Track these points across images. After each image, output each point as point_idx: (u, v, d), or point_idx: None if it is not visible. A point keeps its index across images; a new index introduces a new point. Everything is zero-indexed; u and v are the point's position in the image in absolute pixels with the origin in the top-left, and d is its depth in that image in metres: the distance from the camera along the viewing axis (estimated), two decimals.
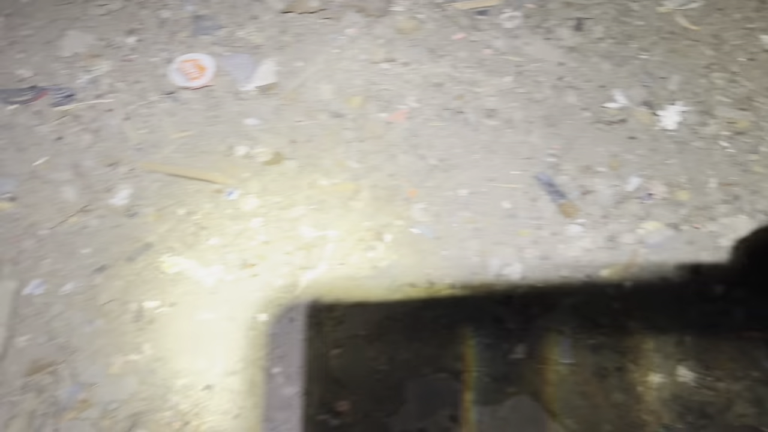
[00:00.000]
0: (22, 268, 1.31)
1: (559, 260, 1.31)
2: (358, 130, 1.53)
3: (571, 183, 1.43)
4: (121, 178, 1.45)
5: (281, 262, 1.33)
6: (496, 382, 1.19)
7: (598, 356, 1.21)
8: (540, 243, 1.35)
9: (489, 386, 1.20)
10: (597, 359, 1.20)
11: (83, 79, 1.63)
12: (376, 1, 1.75)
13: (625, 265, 1.31)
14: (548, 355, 1.21)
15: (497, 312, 1.26)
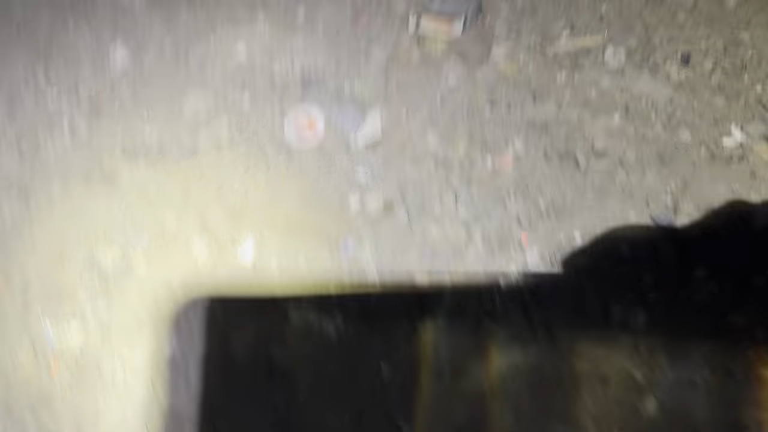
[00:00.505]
0: (160, 321, 1.40)
1: (685, 306, 1.28)
2: (465, 176, 1.55)
3: (691, 224, 1.39)
4: (245, 231, 1.53)
5: (400, 313, 1.36)
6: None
7: (735, 411, 1.16)
8: (664, 288, 1.31)
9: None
10: (735, 414, 1.16)
11: (204, 136, 1.74)
12: (476, 48, 1.79)
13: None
14: (681, 410, 1.17)
15: (623, 363, 1.24)
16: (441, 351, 1.27)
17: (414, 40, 1.80)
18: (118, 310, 1.38)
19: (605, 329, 1.27)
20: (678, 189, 1.43)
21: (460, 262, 1.38)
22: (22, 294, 1.43)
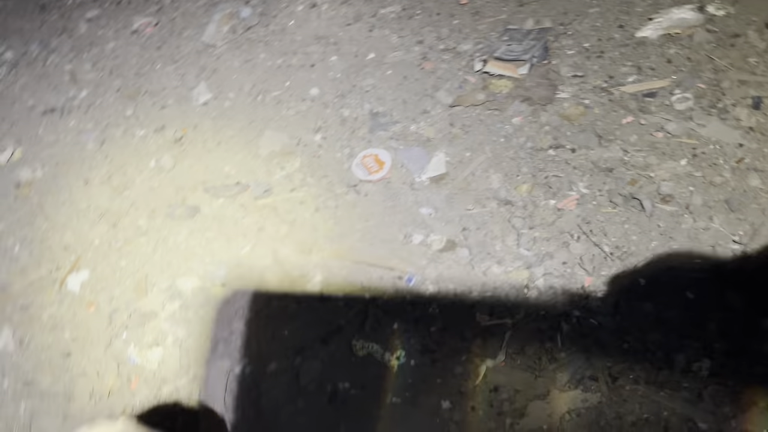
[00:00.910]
0: (233, 347, 1.49)
1: (754, 357, 1.26)
2: (528, 217, 1.58)
3: (760, 272, 1.37)
4: (314, 265, 1.61)
5: (459, 349, 1.40)
6: None
7: None
8: (730, 337, 1.30)
9: None
10: None
11: (279, 175, 1.86)
12: (541, 90, 1.83)
13: None
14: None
15: (686, 411, 1.23)
16: (501, 391, 1.30)
17: (479, 82, 1.86)
18: (197, 337, 1.47)
19: (669, 376, 1.27)
20: (746, 235, 1.42)
21: (522, 302, 1.40)
22: (109, 319, 1.54)
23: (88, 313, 1.58)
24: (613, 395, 1.27)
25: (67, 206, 1.87)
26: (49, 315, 1.59)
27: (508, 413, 1.27)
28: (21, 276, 1.70)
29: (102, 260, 1.71)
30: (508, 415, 1.27)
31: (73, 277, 1.68)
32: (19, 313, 1.61)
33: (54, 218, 1.85)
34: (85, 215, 1.84)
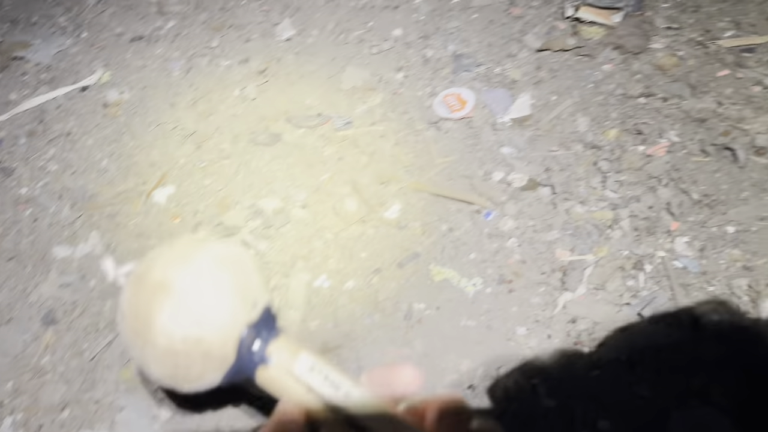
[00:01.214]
0: (312, 264, 1.52)
1: None
2: (614, 161, 1.56)
3: None
4: (392, 195, 1.63)
5: (538, 282, 1.39)
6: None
7: None
8: None
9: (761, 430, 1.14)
10: None
11: (360, 109, 1.87)
12: (634, 39, 1.79)
13: None
14: None
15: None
16: (580, 322, 1.30)
17: (569, 28, 1.83)
18: (278, 251, 1.51)
19: (755, 320, 1.24)
20: None
21: (605, 242, 1.39)
22: (194, 231, 1.60)
23: (173, 223, 1.63)
24: (695, 334, 1.24)
25: (154, 127, 1.93)
26: (135, 224, 1.65)
27: (586, 343, 1.26)
28: (109, 187, 1.77)
29: (187, 178, 1.76)
30: (586, 344, 1.26)
31: (159, 191, 1.73)
32: (106, 221, 1.67)
33: (141, 137, 1.91)
34: (171, 136, 1.89)
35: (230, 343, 0.57)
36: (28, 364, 1.46)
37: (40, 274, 1.62)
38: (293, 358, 0.58)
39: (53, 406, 1.38)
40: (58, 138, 1.99)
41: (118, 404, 1.35)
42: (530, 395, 1.26)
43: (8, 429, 1.35)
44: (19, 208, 1.80)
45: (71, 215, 1.74)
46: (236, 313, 0.57)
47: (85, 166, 1.89)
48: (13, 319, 1.54)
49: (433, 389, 1.30)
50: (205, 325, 0.56)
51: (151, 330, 0.56)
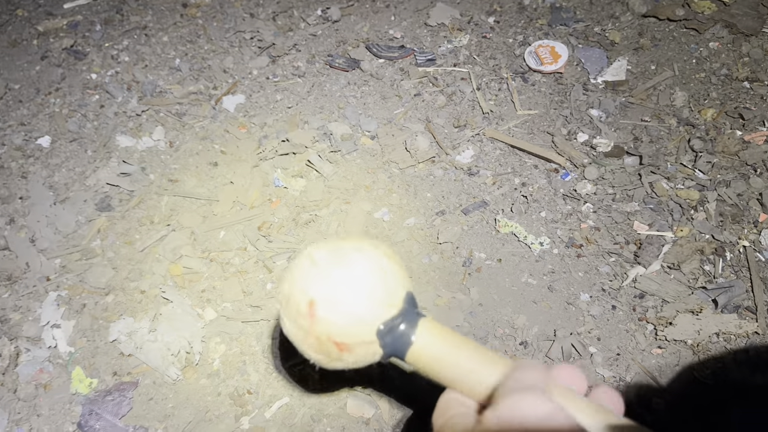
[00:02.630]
0: (375, 195, 1.47)
1: None
2: (709, 141, 1.46)
3: None
4: (466, 140, 1.55)
5: (609, 251, 1.32)
6: None
7: None
8: None
9: None
10: None
11: (444, 47, 1.78)
12: (747, 20, 1.66)
13: None
14: None
15: None
16: (648, 298, 1.22)
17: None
18: (341, 177, 1.46)
19: None
20: None
21: (687, 222, 1.30)
22: (259, 143, 1.55)
23: (239, 132, 1.59)
24: (767, 334, 1.16)
25: (231, 34, 1.87)
26: (202, 126, 1.62)
27: (652, 320, 1.19)
28: (179, 86, 1.73)
29: (258, 90, 1.71)
30: (652, 321, 1.19)
31: (228, 98, 1.69)
32: (173, 119, 1.64)
33: (217, 42, 1.85)
34: (248, 45, 1.84)
35: (374, 335, 0.64)
36: (78, 245, 1.45)
37: (101, 159, 1.60)
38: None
39: (98, 288, 1.37)
40: (134, 30, 1.95)
41: (164, 298, 1.33)
42: (586, 362, 1.20)
43: (52, 303, 1.35)
44: (87, 93, 1.78)
45: (138, 107, 1.71)
46: (376, 309, 0.63)
47: (157, 61, 1.85)
48: (69, 199, 1.53)
49: (484, 339, 1.25)
50: (352, 324, 0.62)
51: (311, 325, 0.63)
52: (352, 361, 0.66)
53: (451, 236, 1.39)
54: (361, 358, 0.66)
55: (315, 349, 0.66)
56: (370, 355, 0.66)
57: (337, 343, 0.64)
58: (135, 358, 1.26)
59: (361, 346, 0.64)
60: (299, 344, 0.68)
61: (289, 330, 0.68)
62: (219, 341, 1.26)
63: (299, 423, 1.16)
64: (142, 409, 1.20)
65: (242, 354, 1.25)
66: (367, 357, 0.66)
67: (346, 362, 0.66)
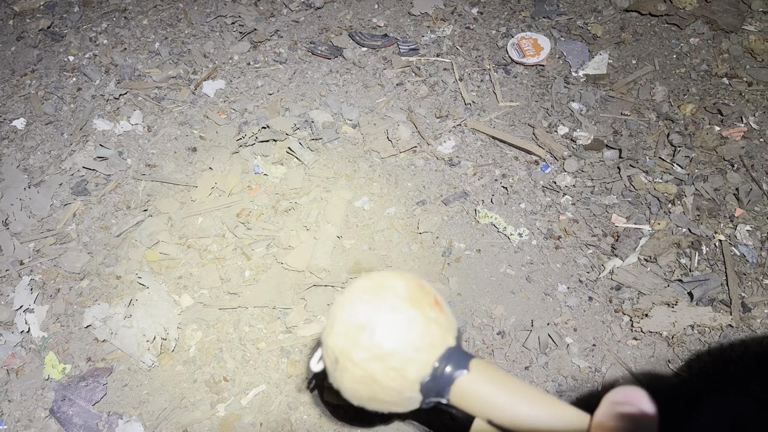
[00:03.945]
0: (355, 184, 1.46)
1: None
2: (687, 136, 1.48)
3: None
4: (448, 130, 1.55)
5: (587, 243, 1.33)
6: None
7: None
8: None
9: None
10: None
11: (427, 37, 1.78)
12: (728, 17, 1.68)
13: None
14: None
15: None
16: (625, 290, 1.24)
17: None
18: (322, 165, 1.45)
19: None
20: None
21: (664, 215, 1.32)
22: (239, 129, 1.53)
23: (219, 118, 1.57)
24: (743, 324, 1.18)
25: (212, 18, 1.85)
26: (180, 111, 1.60)
27: (628, 311, 1.21)
28: (158, 70, 1.71)
29: (239, 75, 1.69)
30: (628, 313, 1.20)
31: (208, 83, 1.67)
32: (151, 103, 1.61)
33: (197, 26, 1.83)
34: (229, 30, 1.82)
35: (416, 383, 0.60)
36: (53, 229, 1.43)
37: (77, 143, 1.57)
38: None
39: (73, 273, 1.35)
40: (113, 13, 1.92)
41: (140, 284, 1.31)
42: (562, 352, 1.21)
43: (25, 287, 1.32)
44: (64, 75, 1.74)
45: (116, 91, 1.68)
46: (419, 357, 0.59)
47: (136, 45, 1.82)
48: (44, 183, 1.50)
49: (462, 329, 1.25)
50: (392, 370, 0.58)
51: (349, 366, 0.60)
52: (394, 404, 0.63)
53: (431, 226, 1.39)
54: (397, 405, 0.63)
55: None
56: (403, 405, 0.63)
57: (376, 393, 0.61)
58: (110, 344, 1.24)
59: (399, 396, 0.62)
60: None
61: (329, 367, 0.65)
62: (195, 328, 1.25)
63: (276, 410, 1.15)
64: (117, 396, 1.19)
65: (219, 341, 1.24)
66: (401, 406, 0.63)
67: (387, 406, 0.64)
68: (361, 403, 0.62)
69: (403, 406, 0.62)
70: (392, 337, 0.58)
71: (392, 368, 0.57)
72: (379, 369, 0.57)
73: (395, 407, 0.62)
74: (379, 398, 0.59)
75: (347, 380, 0.60)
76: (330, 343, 0.61)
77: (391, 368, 0.57)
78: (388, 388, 0.58)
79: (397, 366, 0.57)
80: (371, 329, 0.57)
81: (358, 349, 0.57)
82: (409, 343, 0.58)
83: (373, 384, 0.58)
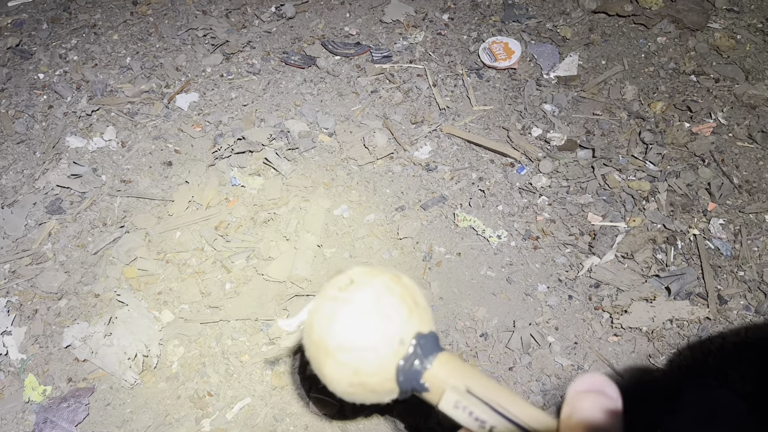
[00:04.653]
0: (334, 192, 1.47)
1: None
2: (658, 134, 1.50)
3: None
4: (424, 136, 1.57)
5: (565, 242, 1.35)
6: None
7: None
8: None
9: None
10: None
11: (400, 44, 1.79)
12: (693, 15, 1.72)
13: None
14: None
15: None
16: (603, 288, 1.26)
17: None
18: (299, 174, 1.45)
19: None
20: None
21: (639, 212, 1.34)
22: (214, 142, 1.53)
23: (193, 131, 1.56)
24: (720, 316, 1.21)
25: (183, 31, 1.84)
26: (154, 125, 1.59)
27: (608, 308, 1.22)
28: (130, 85, 1.69)
29: (213, 88, 1.69)
30: (607, 310, 1.22)
31: (182, 96, 1.66)
32: (124, 118, 1.60)
33: (168, 40, 1.82)
34: (201, 43, 1.81)
35: (390, 380, 0.60)
36: (29, 249, 1.41)
37: (50, 161, 1.56)
38: (439, 396, 0.59)
39: (50, 293, 1.33)
40: (83, 29, 1.90)
41: (119, 301, 1.30)
42: (545, 351, 1.22)
43: (2, 309, 1.30)
44: (34, 93, 1.72)
45: (88, 107, 1.67)
46: (386, 354, 0.59)
47: (107, 60, 1.80)
48: (18, 203, 1.48)
49: (446, 333, 1.26)
50: (362, 373, 0.59)
51: (327, 382, 0.62)
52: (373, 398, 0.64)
53: (411, 231, 1.39)
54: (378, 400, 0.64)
55: None
56: (383, 397, 0.63)
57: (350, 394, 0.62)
58: (90, 364, 1.22)
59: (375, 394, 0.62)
60: None
61: None
62: (177, 343, 1.24)
63: (261, 423, 1.14)
64: (99, 416, 1.17)
65: (201, 356, 1.23)
66: (382, 399, 0.64)
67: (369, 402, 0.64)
68: (344, 391, 0.62)
69: (382, 392, 0.62)
70: (364, 325, 0.59)
71: (367, 350, 0.58)
72: (354, 356, 0.58)
73: (374, 395, 0.63)
74: (358, 383, 0.60)
75: (328, 372, 0.61)
76: (308, 337, 0.62)
77: (367, 350, 0.58)
78: (366, 373, 0.59)
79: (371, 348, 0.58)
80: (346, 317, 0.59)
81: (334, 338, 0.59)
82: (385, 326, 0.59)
83: (354, 374, 0.59)
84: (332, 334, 0.60)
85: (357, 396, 0.63)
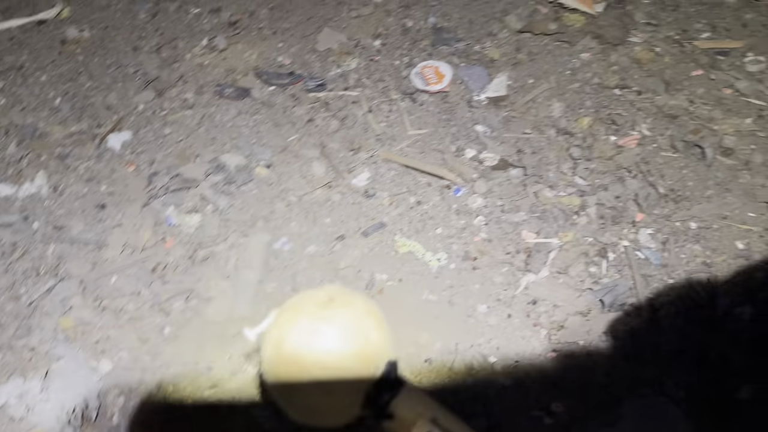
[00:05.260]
0: (273, 225, 1.47)
1: None
2: (586, 149, 1.56)
3: None
4: (361, 163, 1.59)
5: (502, 261, 1.38)
6: (719, 419, 1.15)
7: None
8: None
9: (711, 422, 1.16)
10: None
11: (334, 72, 1.82)
12: (614, 31, 1.79)
13: None
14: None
15: (724, 349, 1.22)
16: (540, 304, 1.30)
17: (551, 13, 1.82)
18: (238, 209, 1.45)
19: (710, 316, 1.26)
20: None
21: (571, 227, 1.39)
22: (149, 180, 1.52)
23: (127, 171, 1.55)
24: (652, 325, 1.25)
25: (113, 69, 1.83)
26: (86, 168, 1.57)
27: (545, 325, 1.26)
28: (60, 127, 1.67)
29: (145, 125, 1.68)
30: (545, 326, 1.26)
31: (114, 136, 1.65)
32: (55, 162, 1.58)
33: (99, 78, 1.80)
34: (132, 80, 1.80)
35: (355, 405, 0.62)
36: None
37: None
38: (407, 426, 0.62)
39: None
40: (9, 71, 1.86)
41: (55, 353, 1.27)
42: (487, 373, 1.24)
43: None
44: None
45: (17, 153, 1.63)
46: (361, 377, 0.62)
47: (36, 102, 1.77)
48: None
49: None
50: (334, 392, 0.60)
51: (289, 397, 0.63)
52: None
53: (352, 260, 1.40)
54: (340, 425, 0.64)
55: None
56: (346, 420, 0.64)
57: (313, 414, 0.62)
58: (27, 422, 1.19)
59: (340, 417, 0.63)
60: None
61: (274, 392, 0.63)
62: (118, 393, 1.21)
63: None
64: None
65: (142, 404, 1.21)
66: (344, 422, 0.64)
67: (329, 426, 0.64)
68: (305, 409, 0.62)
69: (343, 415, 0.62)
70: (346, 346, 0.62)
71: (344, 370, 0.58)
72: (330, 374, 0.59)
73: (334, 417, 0.63)
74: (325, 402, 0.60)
75: (296, 386, 0.61)
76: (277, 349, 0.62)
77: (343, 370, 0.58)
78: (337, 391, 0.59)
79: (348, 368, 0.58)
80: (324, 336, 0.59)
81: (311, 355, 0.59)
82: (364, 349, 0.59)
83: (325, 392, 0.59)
84: (311, 350, 0.60)
85: (316, 417, 0.63)
